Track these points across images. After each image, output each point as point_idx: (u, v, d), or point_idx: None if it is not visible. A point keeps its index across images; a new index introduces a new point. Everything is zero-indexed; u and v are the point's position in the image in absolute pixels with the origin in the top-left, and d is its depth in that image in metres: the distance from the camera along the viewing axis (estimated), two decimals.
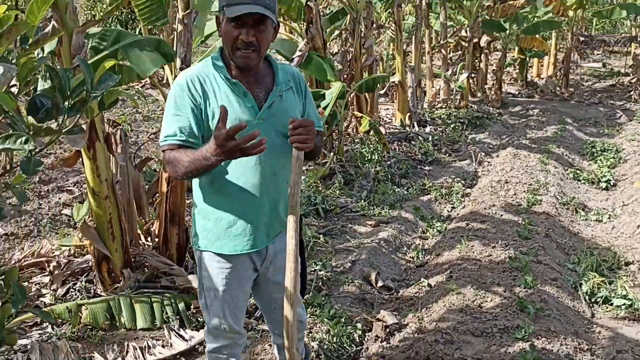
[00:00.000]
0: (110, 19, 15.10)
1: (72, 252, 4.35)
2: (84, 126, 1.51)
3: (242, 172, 2.05)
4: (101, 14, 15.45)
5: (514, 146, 8.62)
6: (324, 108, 6.15)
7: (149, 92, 10.87)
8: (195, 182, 2.15)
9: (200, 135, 2.02)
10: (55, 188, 6.22)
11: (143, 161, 4.74)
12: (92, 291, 3.85)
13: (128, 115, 9.47)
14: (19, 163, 1.36)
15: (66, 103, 1.46)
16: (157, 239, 4.12)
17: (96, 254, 3.72)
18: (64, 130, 1.37)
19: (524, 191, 6.31)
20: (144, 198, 4.38)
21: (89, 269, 4.00)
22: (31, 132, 1.28)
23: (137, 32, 14.92)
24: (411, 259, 4.91)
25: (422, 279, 4.33)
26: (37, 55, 1.91)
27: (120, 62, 3.66)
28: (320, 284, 4.07)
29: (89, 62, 3.44)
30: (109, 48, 3.69)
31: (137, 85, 11.10)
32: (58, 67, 3.47)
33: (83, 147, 3.43)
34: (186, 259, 4.10)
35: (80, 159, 3.64)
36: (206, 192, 2.13)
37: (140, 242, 4.23)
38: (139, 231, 4.28)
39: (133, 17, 15.56)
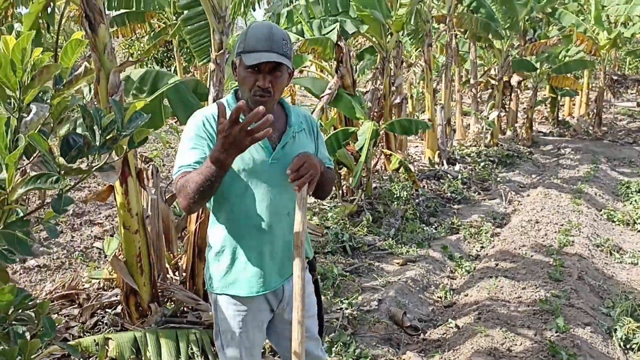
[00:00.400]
0: (142, 54, 15.60)
1: (101, 284, 4.42)
2: (114, 163, 1.57)
3: (255, 212, 2.06)
4: (139, 52, 15.96)
5: (545, 185, 8.50)
6: (359, 150, 6.19)
7: (182, 128, 11.07)
8: (210, 224, 2.15)
9: None
10: (88, 221, 6.36)
11: (173, 196, 4.81)
12: (120, 324, 3.88)
13: (160, 150, 9.67)
14: (50, 200, 1.40)
15: (97, 141, 1.50)
16: (184, 274, 4.16)
17: (125, 287, 3.76)
18: (94, 169, 1.41)
19: (556, 231, 6.19)
20: (173, 233, 4.43)
21: (118, 302, 4.04)
22: (62, 172, 1.33)
23: (172, 70, 15.35)
24: (439, 299, 4.84)
25: (449, 320, 4.26)
26: (84, 95, 1.99)
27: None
28: (346, 322, 4.04)
29: (132, 102, 3.58)
30: (150, 90, 3.87)
31: (171, 120, 11.35)
32: (95, 104, 3.60)
33: (115, 182, 3.51)
34: None
35: (113, 193, 3.73)
36: (220, 234, 2.13)
37: (168, 276, 4.27)
38: (167, 265, 4.32)
39: (169, 55, 16.04)
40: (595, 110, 14.33)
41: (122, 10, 8.85)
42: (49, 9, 3.95)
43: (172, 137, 10.81)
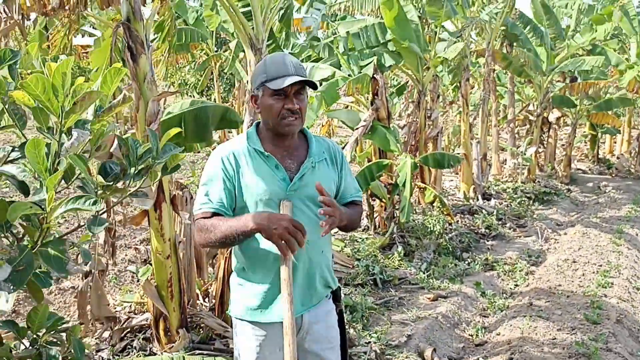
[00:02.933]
0: (188, 86, 16.01)
1: (132, 308, 4.47)
2: (150, 188, 1.61)
3: None
4: (179, 81, 16.39)
5: (584, 224, 8.30)
6: (402, 184, 6.17)
7: None
8: (233, 251, 2.21)
9: (231, 207, 2.09)
10: (123, 245, 6.47)
11: None
12: (149, 349, 3.91)
13: (197, 177, 9.82)
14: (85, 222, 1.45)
15: (132, 169, 1.55)
16: (214, 301, 4.18)
17: (154, 311, 3.80)
18: (128, 193, 1.46)
19: (594, 272, 6.02)
20: (204, 259, 4.48)
21: (147, 327, 4.08)
22: (99, 192, 1.38)
23: (212, 99, 15.69)
24: (470, 337, 4.74)
25: (480, 359, 4.16)
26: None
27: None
28: (373, 356, 3.98)
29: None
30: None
31: (207, 147, 11.56)
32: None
33: (150, 207, 3.59)
34: None
35: (147, 218, 3.80)
36: (242, 262, 2.18)
37: (197, 302, 4.31)
38: (197, 291, 4.36)
39: (209, 85, 16.41)
40: (637, 149, 14.00)
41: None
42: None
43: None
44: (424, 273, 5.85)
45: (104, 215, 1.62)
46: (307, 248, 2.08)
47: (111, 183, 1.43)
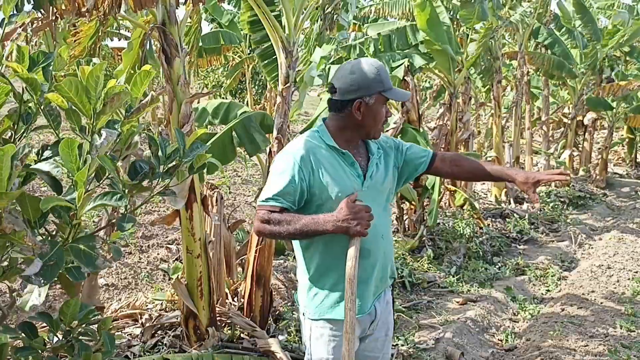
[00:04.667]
0: (222, 88, 16.20)
1: (164, 306, 4.54)
2: (175, 188, 1.65)
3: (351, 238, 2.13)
4: (213, 83, 16.59)
5: (620, 229, 8.12)
6: (432, 187, 6.15)
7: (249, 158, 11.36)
8: (302, 255, 2.23)
9: (299, 204, 2.14)
10: (156, 244, 6.59)
11: (236, 223, 4.93)
12: (179, 346, 3.97)
13: (228, 178, 9.94)
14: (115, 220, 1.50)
15: (161, 167, 1.59)
16: (242, 300, 4.23)
17: (184, 310, 3.86)
18: (155, 192, 1.50)
19: (629, 279, 5.89)
20: (233, 259, 4.53)
21: (177, 324, 4.15)
22: (126, 190, 1.42)
23: (244, 101, 15.84)
24: (499, 342, 4.68)
25: None
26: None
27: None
28: (401, 359, 3.97)
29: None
30: (222, 120, 4.09)
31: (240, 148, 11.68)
32: (166, 132, 3.78)
33: (182, 207, 3.65)
34: (269, 322, 4.16)
35: (178, 218, 3.87)
36: (316, 260, 2.20)
37: (226, 301, 4.36)
38: (226, 291, 4.41)
39: (242, 87, 16.58)
40: None
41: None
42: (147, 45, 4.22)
43: (238, 165, 11.09)
44: (453, 277, 5.81)
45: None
46: (381, 240, 2.21)
47: (138, 182, 1.48)
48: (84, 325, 2.07)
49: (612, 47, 10.32)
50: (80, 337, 2.05)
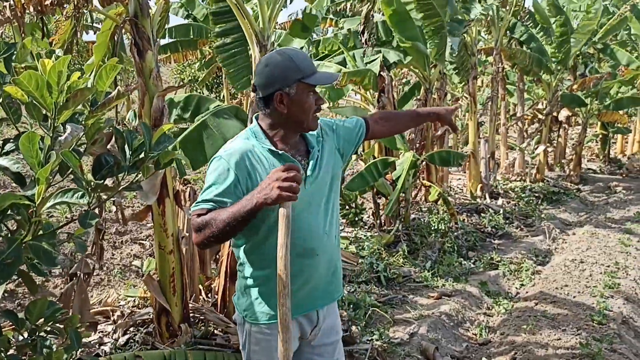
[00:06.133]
0: (198, 82, 16.03)
1: (136, 303, 4.49)
2: (147, 183, 1.60)
3: (298, 237, 2.03)
4: (189, 78, 16.41)
5: (592, 224, 8.24)
6: (396, 179, 6.16)
7: None
8: (243, 254, 2.13)
9: None
10: (129, 240, 6.51)
11: None
12: (151, 343, 3.92)
13: (204, 174, 9.84)
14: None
15: (127, 162, 1.56)
16: (216, 296, 4.19)
17: (157, 306, 3.82)
18: (120, 188, 1.46)
19: (601, 273, 5.97)
20: (207, 254, 4.48)
21: (150, 321, 4.10)
22: (89, 189, 1.38)
23: (221, 96, 15.70)
24: (473, 336, 4.72)
25: (483, 358, 4.14)
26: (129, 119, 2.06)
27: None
28: (375, 354, 3.98)
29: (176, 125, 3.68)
30: (192, 114, 3.99)
31: None
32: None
33: (153, 203, 3.60)
34: None
35: (151, 214, 3.82)
36: (256, 263, 2.11)
37: (200, 297, 4.32)
38: (200, 287, 4.37)
39: (218, 82, 16.42)
40: None
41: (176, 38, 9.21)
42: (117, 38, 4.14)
43: None
44: (428, 271, 5.83)
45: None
46: (326, 239, 2.11)
47: (101, 181, 1.44)
48: (50, 323, 2.03)
49: (583, 43, 10.45)
50: (48, 336, 2.01)
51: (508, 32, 10.05)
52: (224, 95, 15.10)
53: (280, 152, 2.04)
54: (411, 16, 6.63)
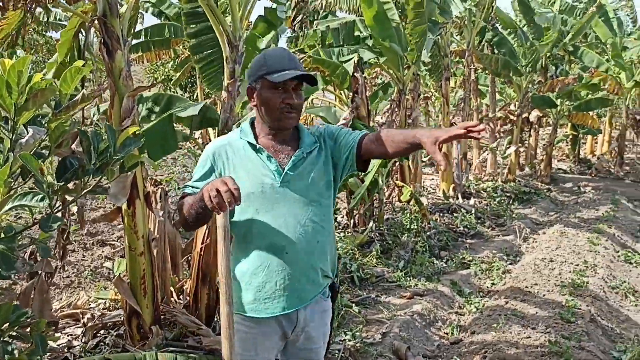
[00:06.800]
0: (172, 82, 15.87)
1: (107, 305, 4.43)
2: (116, 184, 1.58)
3: (268, 235, 2.08)
4: (163, 77, 16.24)
5: (562, 224, 8.38)
6: (365, 176, 6.19)
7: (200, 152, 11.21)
8: (233, 244, 2.18)
9: None
10: (100, 241, 6.42)
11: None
12: (121, 346, 3.88)
13: (178, 174, 9.77)
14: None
15: (92, 165, 1.54)
16: (188, 298, 4.16)
17: (127, 308, 3.78)
18: (84, 191, 1.44)
19: (570, 271, 6.07)
20: (179, 256, 4.45)
21: (121, 324, 4.05)
22: (50, 191, 1.36)
23: (195, 96, 15.58)
24: (445, 335, 4.76)
25: (454, 357, 4.18)
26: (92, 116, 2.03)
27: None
28: (347, 354, 3.99)
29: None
30: (161, 113, 3.94)
31: (191, 144, 11.49)
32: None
33: (124, 204, 3.56)
34: (215, 319, 4.11)
35: (121, 215, 3.77)
36: (236, 254, 2.17)
37: (172, 299, 4.28)
38: (171, 288, 4.33)
39: (192, 81, 16.29)
40: (617, 149, 14.18)
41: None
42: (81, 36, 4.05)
43: (187, 160, 10.92)
44: (401, 271, 5.87)
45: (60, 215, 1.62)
46: (301, 238, 2.10)
47: (63, 183, 1.41)
48: (16, 328, 2.00)
49: (550, 44, 10.63)
50: (10, 340, 1.98)
51: (478, 35, 10.17)
52: (197, 95, 14.99)
53: (258, 146, 2.11)
54: (388, 17, 6.69)
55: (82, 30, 3.77)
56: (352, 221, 6.97)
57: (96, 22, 3.50)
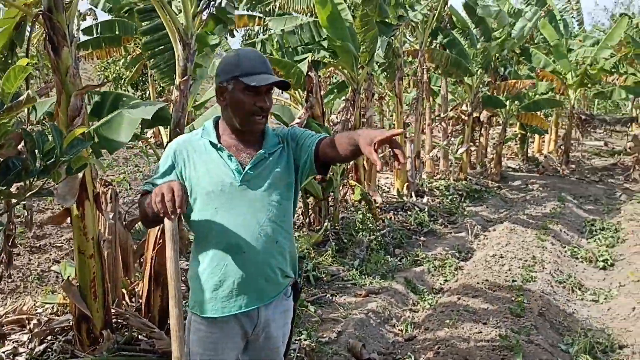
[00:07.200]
0: (123, 80, 15.53)
1: (55, 310, 4.29)
2: (65, 185, 1.53)
3: (227, 234, 2.07)
4: (114, 75, 15.87)
5: (512, 221, 8.60)
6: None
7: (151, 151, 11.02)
8: (193, 242, 2.19)
9: None
10: (48, 244, 6.22)
11: (133, 220, 4.73)
12: (70, 352, 3.76)
13: (130, 174, 9.57)
14: None
15: (37, 166, 1.48)
16: (140, 300, 4.08)
17: (76, 313, 3.66)
18: (28, 194, 1.39)
19: (519, 267, 6.24)
20: (131, 258, 4.36)
21: (70, 329, 3.93)
22: None
23: (147, 94, 15.29)
24: (399, 332, 4.81)
25: (408, 354, 4.23)
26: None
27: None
28: (303, 354, 3.98)
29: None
30: (108, 112, 3.82)
31: (143, 144, 11.28)
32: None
33: (72, 205, 3.45)
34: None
35: (70, 217, 3.66)
36: (195, 253, 2.16)
37: (123, 302, 4.19)
38: (123, 291, 4.23)
39: (144, 79, 15.98)
40: (563, 148, 14.65)
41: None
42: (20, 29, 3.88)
43: (140, 160, 10.71)
44: (356, 270, 5.91)
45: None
46: (260, 238, 2.09)
47: (6, 187, 1.36)
48: None
49: (499, 46, 10.90)
50: None
51: (430, 36, 10.32)
52: (149, 94, 14.72)
53: (219, 145, 2.11)
54: (342, 17, 6.72)
55: (22, 22, 3.62)
56: (307, 220, 6.98)
57: (41, 17, 3.38)
